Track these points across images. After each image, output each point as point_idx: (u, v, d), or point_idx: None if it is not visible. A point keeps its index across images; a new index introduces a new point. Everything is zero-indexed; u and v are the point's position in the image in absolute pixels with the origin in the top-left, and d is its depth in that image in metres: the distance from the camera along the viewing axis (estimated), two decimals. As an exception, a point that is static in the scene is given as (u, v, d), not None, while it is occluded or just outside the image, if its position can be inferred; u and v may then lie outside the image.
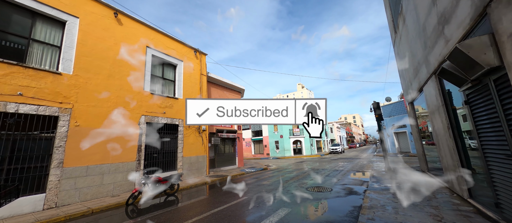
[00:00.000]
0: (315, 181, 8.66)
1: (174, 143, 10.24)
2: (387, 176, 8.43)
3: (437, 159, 7.93)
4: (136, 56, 9.03)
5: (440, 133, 5.25)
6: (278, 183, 8.72)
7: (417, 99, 7.88)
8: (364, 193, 6.17)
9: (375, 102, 10.58)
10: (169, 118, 10.00)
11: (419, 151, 8.73)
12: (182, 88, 11.07)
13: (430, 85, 5.36)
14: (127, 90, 8.45)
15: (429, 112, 5.94)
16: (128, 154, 8.08)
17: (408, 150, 21.62)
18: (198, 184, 9.20)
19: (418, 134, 8.46)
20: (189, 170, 10.62)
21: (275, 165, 17.72)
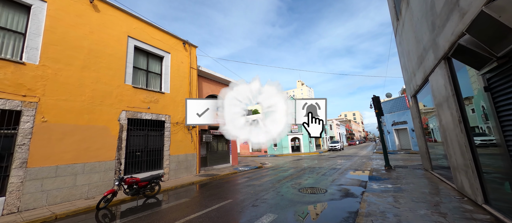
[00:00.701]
0: (310, 181, 8.03)
1: (160, 140, 9.59)
2: (387, 175, 7.79)
3: (440, 156, 7.29)
4: (115, 47, 8.31)
5: (448, 128, 4.58)
6: (270, 183, 8.09)
7: (420, 92, 7.20)
8: (361, 195, 5.54)
9: (375, 96, 9.90)
10: (154, 114, 9.33)
11: (422, 148, 8.08)
12: (169, 82, 10.37)
13: (438, 73, 4.68)
14: (104, 84, 7.76)
15: (435, 105, 5.27)
16: (106, 152, 7.43)
17: (409, 147, 21.00)
18: (184, 184, 8.57)
19: (421, 130, 7.80)
20: (177, 169, 9.99)
21: (271, 162, 17.12)
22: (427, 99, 7.26)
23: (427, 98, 6.92)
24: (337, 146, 30.13)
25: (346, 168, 11.27)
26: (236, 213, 4.72)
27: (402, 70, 9.16)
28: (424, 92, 6.91)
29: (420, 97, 7.71)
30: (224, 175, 10.73)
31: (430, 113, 7.70)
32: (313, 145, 31.98)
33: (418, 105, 7.86)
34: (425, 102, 7.69)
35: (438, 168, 7.13)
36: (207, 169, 12.85)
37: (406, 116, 20.97)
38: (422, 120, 7.78)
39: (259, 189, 6.99)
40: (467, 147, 3.94)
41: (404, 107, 21.63)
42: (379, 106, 9.70)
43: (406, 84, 9.00)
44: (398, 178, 7.19)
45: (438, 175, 6.77)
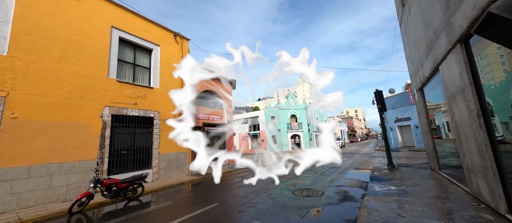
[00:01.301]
0: (307, 181, 7.47)
1: (149, 138, 9.07)
2: (390, 175, 7.20)
3: (449, 155, 6.66)
4: (97, 38, 7.74)
5: (463, 124, 3.96)
6: (264, 183, 7.53)
7: (428, 85, 6.53)
8: (362, 199, 4.96)
9: (378, 90, 9.24)
10: (142, 110, 8.79)
11: (428, 145, 7.45)
12: (158, 77, 9.80)
13: (451, 60, 4.03)
14: (85, 77, 7.21)
15: (447, 97, 4.63)
16: (86, 151, 6.92)
17: (413, 144, 20.32)
18: (173, 184, 8.07)
19: (427, 126, 7.15)
20: (168, 168, 9.49)
21: (269, 160, 16.59)
22: (434, 94, 6.61)
23: (435, 92, 6.27)
24: (338, 143, 29.48)
25: (346, 167, 10.68)
26: (218, 221, 4.18)
27: (408, 62, 8.48)
28: (432, 84, 6.24)
29: (427, 91, 7.05)
30: (218, 174, 10.20)
31: (436, 109, 7.05)
32: (314, 142, 31.38)
33: (425, 99, 7.19)
34: (431, 97, 7.04)
35: (446, 168, 6.50)
36: (201, 167, 12.34)
37: (410, 112, 20.24)
38: (428, 115, 7.12)
39: (251, 191, 6.45)
40: (487, 145, 3.33)
41: (408, 103, 20.88)
42: (382, 101, 9.05)
43: (411, 77, 8.32)
44: (402, 178, 6.59)
45: (446, 176, 6.16)
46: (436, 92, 6.11)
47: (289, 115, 29.57)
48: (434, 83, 6.03)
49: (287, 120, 29.39)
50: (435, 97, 6.88)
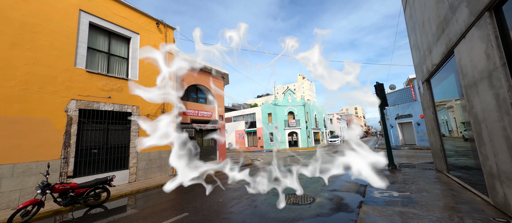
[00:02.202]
0: (302, 181, 6.67)
1: (126, 135, 8.23)
2: (391, 178, 6.39)
3: (453, 154, 5.85)
4: (62, 22, 6.84)
5: (488, 117, 3.12)
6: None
7: (436, 75, 5.67)
8: (358, 209, 4.15)
9: (378, 83, 8.37)
10: (117, 104, 7.93)
11: (434, 144, 6.62)
12: (137, 68, 8.92)
13: (474, 37, 3.17)
14: (46, 66, 6.34)
15: (464, 86, 3.77)
16: (47, 150, 6.09)
17: (414, 142, 19.53)
18: (150, 186, 7.26)
19: (435, 122, 6.31)
20: (148, 168, 8.67)
21: (264, 159, 15.82)
22: (441, 88, 5.76)
23: (444, 84, 5.42)
24: (336, 141, 28.75)
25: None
26: (181, 237, 3.36)
27: (412, 51, 7.60)
28: (441, 75, 5.39)
29: (434, 83, 6.19)
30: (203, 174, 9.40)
31: (439, 105, 6.20)
32: (312, 140, 30.64)
33: (432, 92, 6.34)
34: (436, 93, 6.19)
35: (455, 169, 5.69)
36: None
37: (411, 109, 19.41)
38: (436, 110, 6.28)
39: (232, 196, 5.64)
40: (525, 146, 2.49)
41: (409, 99, 20.03)
42: (383, 95, 8.20)
43: (416, 68, 7.46)
44: (406, 182, 5.77)
45: (456, 179, 5.34)
46: (446, 84, 5.26)
47: (286, 111, 28.74)
48: (444, 73, 5.17)
49: (285, 117, 28.57)
50: (439, 94, 6.03)
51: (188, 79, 12.30)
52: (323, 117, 39.29)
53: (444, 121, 6.10)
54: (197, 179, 3.52)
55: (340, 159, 3.50)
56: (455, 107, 5.41)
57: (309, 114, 31.57)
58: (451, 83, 4.99)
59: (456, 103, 5.35)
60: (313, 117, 33.61)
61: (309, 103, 32.63)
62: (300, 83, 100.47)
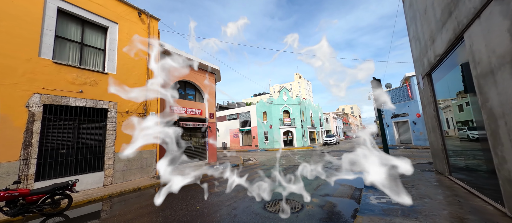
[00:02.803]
0: (287, 187, 6.09)
1: (101, 134, 7.51)
2: (389, 180, 5.85)
3: (453, 154, 5.35)
4: (24, 6, 6.07)
5: (509, 112, 2.56)
6: (233, 191, 6.13)
7: (439, 68, 5.14)
8: (353, 219, 3.59)
9: (375, 79, 7.83)
10: (90, 100, 7.20)
11: (435, 144, 6.12)
12: (115, 61, 8.18)
13: (492, 15, 2.61)
14: (3, 55, 5.58)
15: (476, 76, 3.23)
16: (3, 150, 5.35)
17: (410, 142, 19.22)
18: (126, 191, 6.58)
19: (436, 120, 5.80)
20: (126, 170, 7.97)
21: (256, 159, 15.22)
22: (447, 80, 5.23)
23: (449, 77, 4.88)
24: (332, 140, 28.37)
25: (337, 168, 9.35)
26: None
27: (411, 45, 7.09)
28: (444, 68, 4.85)
29: (436, 77, 5.67)
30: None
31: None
32: (307, 139, 30.20)
33: (433, 87, 5.82)
34: (439, 89, 5.67)
35: (458, 171, 5.19)
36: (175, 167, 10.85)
37: (407, 108, 19.08)
38: (437, 106, 5.77)
39: (212, 202, 5.03)
40: None
41: (406, 98, 19.70)
42: (379, 90, 7.66)
43: (415, 62, 6.95)
44: (405, 185, 5.24)
45: (460, 183, 4.83)
46: (450, 78, 4.73)
47: (281, 110, 28.19)
48: (447, 67, 4.64)
49: (280, 115, 28.02)
50: (441, 93, 5.52)
51: (176, 74, 11.59)
52: (319, 116, 38.92)
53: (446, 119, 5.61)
54: (181, 182, 3.14)
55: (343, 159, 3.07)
56: (452, 106, 4.92)
57: (305, 113, 31.11)
58: (455, 78, 4.46)
59: (452, 102, 4.87)
60: (309, 115, 33.17)
61: (304, 102, 32.17)
62: (297, 82, 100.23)
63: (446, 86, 5.21)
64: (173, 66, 11.70)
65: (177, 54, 11.41)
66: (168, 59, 4.17)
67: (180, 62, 12.54)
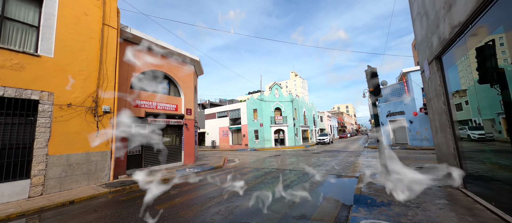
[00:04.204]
0: (263, 198, 4.74)
1: (28, 131, 5.96)
2: (385, 195, 4.57)
3: (471, 161, 4.07)
4: None
5: None
6: (194, 202, 4.73)
7: (452, 49, 3.83)
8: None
9: (370, 67, 6.52)
10: (11, 88, 5.64)
11: (444, 147, 4.84)
12: (54, 41, 6.61)
13: None
14: None
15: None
16: None
17: (405, 142, 18.19)
18: (52, 205, 5.10)
19: (447, 116, 4.51)
20: (66, 176, 6.45)
21: (240, 160, 13.85)
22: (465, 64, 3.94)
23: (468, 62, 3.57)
24: (325, 139, 27.26)
25: (326, 171, 8.06)
26: None
27: (415, 25, 5.79)
28: (459, 49, 3.54)
29: (448, 62, 4.37)
30: (147, 182, 7.29)
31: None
32: (300, 138, 29.01)
33: (444, 73, 4.52)
34: (452, 74, 4.38)
35: (477, 184, 3.92)
36: (140, 171, 9.37)
37: (404, 105, 18.00)
38: (449, 98, 4.47)
39: (164, 218, 3.60)
40: None
41: (402, 95, 18.62)
42: (375, 81, 6.35)
43: (420, 45, 5.65)
44: (406, 203, 3.94)
45: (482, 201, 3.55)
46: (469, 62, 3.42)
47: (273, 107, 26.86)
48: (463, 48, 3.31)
49: (271, 113, 26.69)
50: (454, 82, 4.23)
51: (144, 64, 10.05)
52: (313, 114, 37.81)
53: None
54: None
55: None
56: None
57: (298, 111, 29.88)
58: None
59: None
60: (302, 113, 31.98)
61: (297, 99, 30.92)
62: (293, 80, 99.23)
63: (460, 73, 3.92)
64: (138, 53, 9.86)
65: (144, 39, 9.86)
66: (139, 50, 2.97)
67: (149, 48, 10.97)
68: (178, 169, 9.82)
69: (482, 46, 3.23)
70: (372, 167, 8.63)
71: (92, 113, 7.26)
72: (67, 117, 6.64)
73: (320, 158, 12.84)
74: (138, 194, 6.01)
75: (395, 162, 6.09)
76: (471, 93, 3.93)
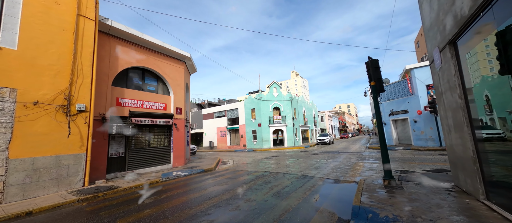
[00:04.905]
0: (246, 210, 4.03)
1: (-16, 132, 5.30)
2: (388, 204, 3.83)
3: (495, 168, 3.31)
4: None
5: None
6: (167, 216, 4.02)
7: (471, 30, 3.09)
8: None
9: (371, 59, 5.78)
10: (-36, 83, 4.98)
11: (460, 149, 4.09)
12: (18, 32, 5.95)
13: None
14: None
15: None
16: None
17: (409, 142, 17.35)
18: (4, 217, 4.42)
19: (464, 112, 3.76)
20: (31, 182, 5.78)
21: (235, 161, 13.14)
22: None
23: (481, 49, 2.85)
24: (326, 140, 26.45)
25: (322, 176, 7.31)
26: None
27: (423, 8, 5.04)
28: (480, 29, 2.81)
29: (464, 46, 3.63)
30: (124, 189, 6.61)
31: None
32: (299, 138, 28.23)
33: (460, 61, 3.76)
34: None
35: (501, 193, 3.17)
36: (123, 174, 8.70)
37: (407, 104, 17.17)
38: (466, 90, 3.72)
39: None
40: None
41: (405, 93, 17.79)
42: (378, 75, 5.62)
43: (429, 31, 4.89)
44: (415, 215, 3.21)
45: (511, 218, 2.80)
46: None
47: (271, 107, 26.12)
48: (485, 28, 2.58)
49: (269, 112, 25.95)
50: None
51: (126, 58, 9.38)
52: (313, 114, 37.01)
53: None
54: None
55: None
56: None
57: (297, 110, 29.11)
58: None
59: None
60: (302, 113, 31.19)
61: (297, 98, 30.15)
62: (293, 80, 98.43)
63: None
64: (122, 48, 8.94)
65: (128, 33, 9.20)
66: (121, 44, 2.36)
67: (133, 43, 10.18)
68: (165, 173, 9.13)
69: (502, 30, 2.57)
70: (374, 170, 7.87)
71: (64, 112, 6.59)
72: (33, 116, 5.98)
73: (318, 159, 12.08)
74: (107, 203, 5.31)
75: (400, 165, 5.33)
76: (476, 90, 3.50)
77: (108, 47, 8.69)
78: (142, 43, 10.01)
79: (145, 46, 10.19)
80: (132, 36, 9.42)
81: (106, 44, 8.63)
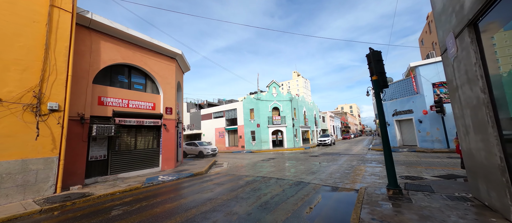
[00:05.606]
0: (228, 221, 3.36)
1: None
2: (395, 220, 3.12)
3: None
4: None
5: None
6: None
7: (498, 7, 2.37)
8: None
9: (373, 51, 5.06)
10: None
11: (483, 153, 3.36)
12: (-22, 23, 5.37)
13: None
14: None
15: None
16: None
17: (414, 143, 16.49)
18: None
19: (488, 109, 3.03)
20: (-9, 189, 5.18)
21: (230, 164, 12.46)
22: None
23: None
24: (326, 141, 25.64)
25: (319, 182, 6.59)
26: None
27: (432, -11, 4.30)
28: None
29: (489, 26, 2.91)
30: (99, 196, 5.97)
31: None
32: (300, 139, 27.46)
33: (483, 46, 3.04)
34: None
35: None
36: (104, 179, 8.08)
37: (412, 103, 16.33)
38: (490, 82, 2.99)
39: None
40: None
41: (410, 92, 16.96)
42: (380, 68, 4.91)
43: (440, 15, 4.17)
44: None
45: None
46: None
47: (270, 107, 25.41)
48: None
49: (268, 113, 25.24)
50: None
51: (109, 54, 8.79)
52: (314, 114, 36.19)
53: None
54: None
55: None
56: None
57: (297, 110, 28.35)
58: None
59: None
60: (302, 113, 30.42)
61: (297, 98, 29.40)
62: (295, 80, 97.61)
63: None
64: (104, 43, 8.14)
65: (111, 27, 8.60)
66: (104, 39, 1.88)
67: (117, 38, 9.47)
68: (150, 177, 8.49)
69: None
70: (376, 175, 7.13)
71: (33, 111, 5.98)
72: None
73: (317, 162, 11.34)
74: (71, 214, 4.67)
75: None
76: (506, 82, 2.81)
77: (89, 42, 8.10)
78: (128, 39, 9.42)
79: (131, 41, 9.59)
80: (116, 31, 8.83)
81: (86, 38, 8.04)
